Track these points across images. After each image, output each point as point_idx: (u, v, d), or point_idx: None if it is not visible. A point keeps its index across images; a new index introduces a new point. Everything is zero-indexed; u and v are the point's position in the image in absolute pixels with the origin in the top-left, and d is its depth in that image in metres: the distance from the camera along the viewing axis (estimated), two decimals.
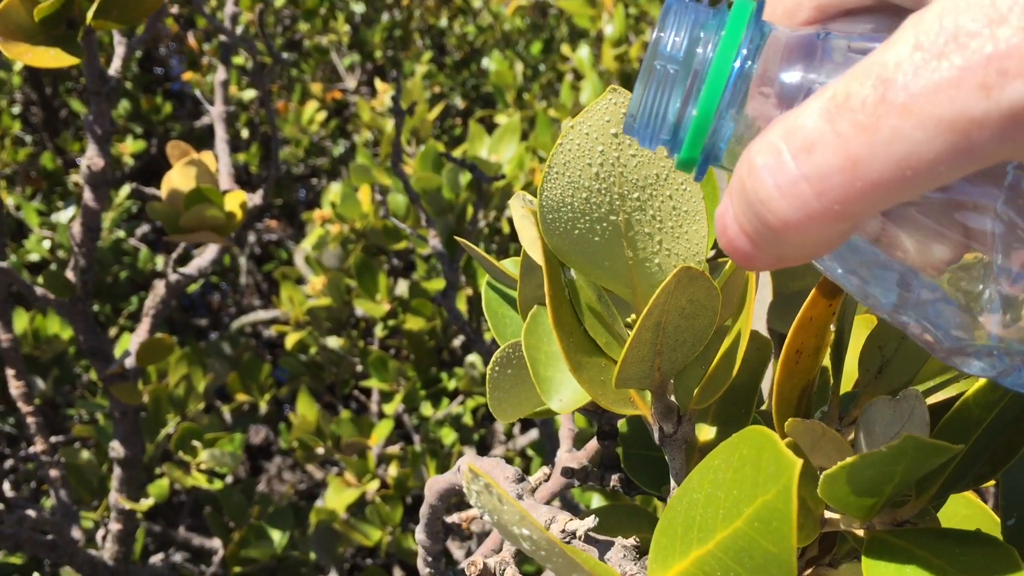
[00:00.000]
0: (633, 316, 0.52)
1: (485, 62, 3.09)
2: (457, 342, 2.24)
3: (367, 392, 2.55)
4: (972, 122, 0.28)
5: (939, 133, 0.28)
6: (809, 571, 0.48)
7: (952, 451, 0.35)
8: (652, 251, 0.44)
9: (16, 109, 2.97)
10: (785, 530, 0.33)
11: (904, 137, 0.29)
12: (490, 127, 2.73)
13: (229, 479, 2.18)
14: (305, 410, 1.91)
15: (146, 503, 1.43)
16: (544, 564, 0.39)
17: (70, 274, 1.22)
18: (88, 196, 1.15)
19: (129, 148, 2.69)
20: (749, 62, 0.34)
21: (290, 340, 2.16)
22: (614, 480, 0.63)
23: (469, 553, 1.70)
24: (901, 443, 0.34)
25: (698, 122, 0.34)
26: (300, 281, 2.39)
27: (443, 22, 3.41)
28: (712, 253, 0.52)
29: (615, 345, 0.48)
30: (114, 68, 1.12)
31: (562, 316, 0.46)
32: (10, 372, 1.33)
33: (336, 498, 1.87)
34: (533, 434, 2.13)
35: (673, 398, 0.50)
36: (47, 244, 2.45)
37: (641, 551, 0.49)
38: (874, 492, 0.39)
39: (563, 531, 0.51)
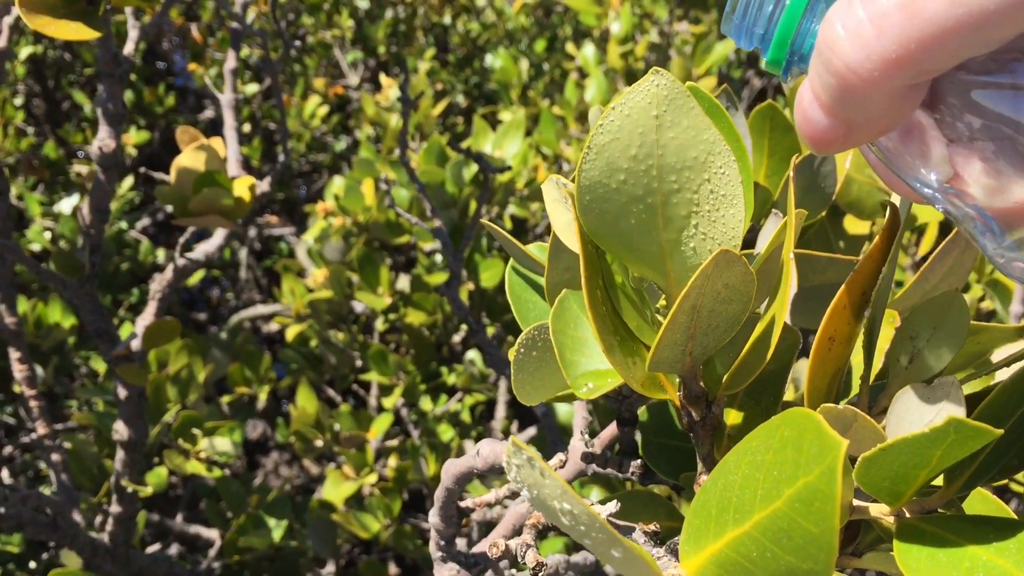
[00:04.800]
0: (663, 302, 0.52)
1: (488, 59, 3.09)
2: (457, 338, 2.24)
3: (366, 386, 2.55)
4: None
5: None
6: None
7: (994, 435, 0.35)
8: (688, 235, 0.44)
9: (19, 100, 2.97)
10: (828, 510, 0.33)
11: None
12: (493, 124, 2.73)
13: (228, 472, 2.18)
14: (305, 402, 1.91)
15: (146, 490, 1.43)
16: (581, 540, 0.39)
17: (77, 254, 1.22)
18: (99, 177, 1.15)
19: (132, 139, 2.68)
20: None
21: (291, 332, 2.16)
22: (634, 466, 0.63)
23: (470, 544, 1.70)
24: (943, 425, 0.35)
25: (788, 15, 0.36)
26: (302, 274, 2.39)
27: (447, 19, 3.41)
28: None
29: (647, 329, 0.48)
30: (127, 50, 1.12)
31: (596, 298, 0.46)
32: (14, 355, 1.33)
33: (334, 491, 1.87)
34: (531, 431, 2.13)
35: (702, 384, 0.50)
36: (48, 235, 2.45)
37: (659, 539, 0.50)
38: (908, 477, 0.39)
39: None
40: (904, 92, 0.33)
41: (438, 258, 2.17)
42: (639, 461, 0.64)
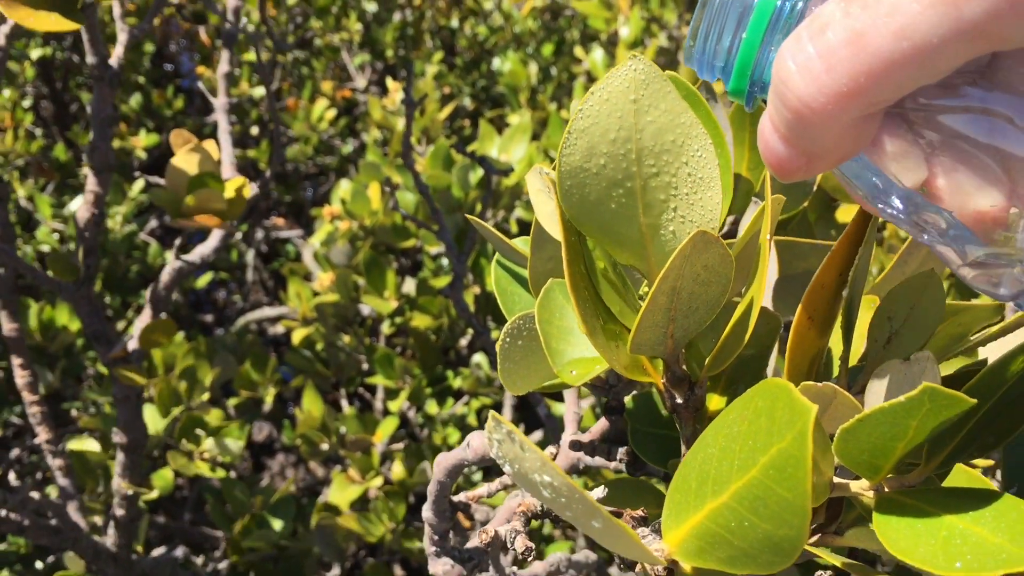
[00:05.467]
0: (646, 288, 0.53)
1: (496, 63, 3.10)
2: (464, 342, 2.25)
3: (372, 390, 2.55)
4: None
5: (934, 5, 0.31)
6: (815, 538, 0.49)
7: (967, 403, 0.36)
8: (667, 218, 0.45)
9: (27, 102, 2.99)
10: (800, 475, 0.34)
11: (902, 10, 0.31)
12: (500, 128, 2.74)
13: (233, 474, 2.19)
14: (311, 405, 1.91)
15: (150, 494, 1.44)
16: (563, 513, 0.39)
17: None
18: (91, 180, 1.16)
19: (142, 142, 2.70)
20: None
21: (297, 336, 2.16)
22: (620, 453, 0.64)
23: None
24: (918, 393, 0.35)
25: (746, 48, 0.37)
26: (308, 277, 2.40)
27: (454, 23, 3.42)
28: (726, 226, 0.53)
29: (629, 312, 0.49)
30: (116, 55, 1.13)
31: (579, 283, 0.46)
32: (16, 361, 1.33)
33: (339, 494, 1.87)
34: (537, 436, 2.13)
35: (684, 367, 0.51)
36: (57, 236, 2.46)
37: (647, 523, 0.50)
38: (887, 450, 0.39)
39: None
40: (859, 122, 0.35)
41: (444, 262, 2.18)
42: (626, 448, 0.65)
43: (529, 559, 0.57)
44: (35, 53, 2.71)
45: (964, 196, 0.35)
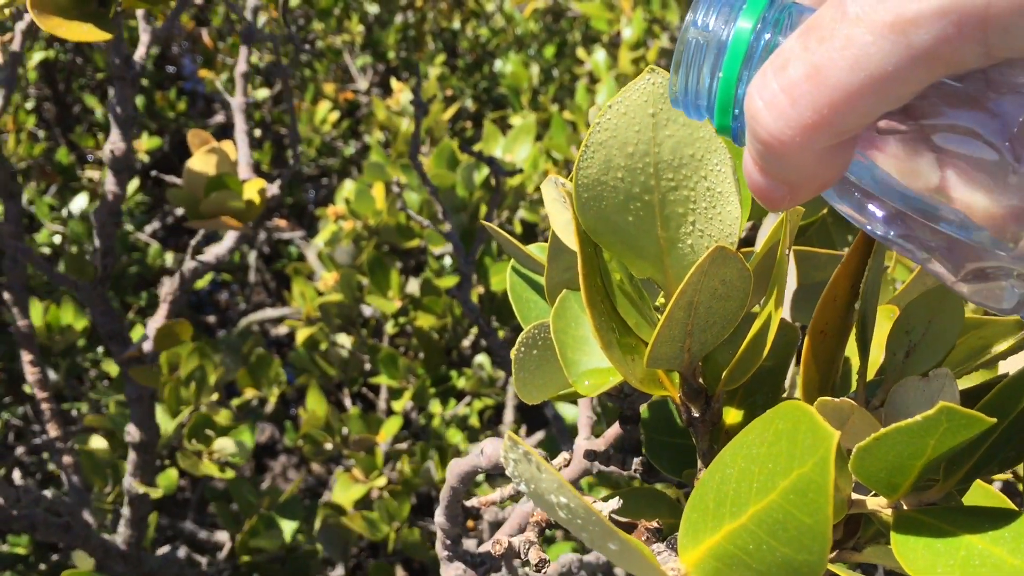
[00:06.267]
0: (662, 299, 0.53)
1: (497, 65, 3.10)
2: (467, 342, 2.25)
3: (376, 390, 2.55)
4: (908, 21, 0.31)
5: (884, 35, 0.32)
6: (834, 554, 0.49)
7: (986, 423, 0.36)
8: (685, 232, 0.45)
9: (30, 105, 2.99)
10: (821, 502, 0.33)
11: (855, 42, 0.33)
12: (503, 129, 2.74)
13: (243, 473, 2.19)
14: (315, 405, 1.91)
15: (155, 493, 1.44)
16: (578, 533, 0.39)
17: (88, 257, 1.23)
18: (110, 180, 1.16)
19: (144, 145, 2.70)
20: (769, 30, 0.37)
21: (300, 336, 2.16)
22: (635, 464, 0.64)
23: (479, 544, 1.70)
24: (935, 413, 0.35)
25: (723, 86, 0.38)
26: (311, 277, 2.40)
27: (456, 24, 3.42)
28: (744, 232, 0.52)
29: (645, 326, 0.49)
30: (139, 54, 1.13)
31: (594, 295, 0.46)
32: (26, 357, 1.34)
33: (343, 494, 1.87)
34: (540, 435, 2.13)
35: (701, 380, 0.51)
36: (58, 239, 2.46)
37: (662, 536, 0.50)
38: (904, 468, 0.39)
39: None
40: (831, 150, 0.35)
41: (448, 262, 2.18)
42: (641, 458, 0.65)
43: (543, 571, 0.57)
44: (38, 55, 2.71)
45: (980, 196, 0.36)
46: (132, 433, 1.39)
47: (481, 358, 2.17)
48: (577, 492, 0.37)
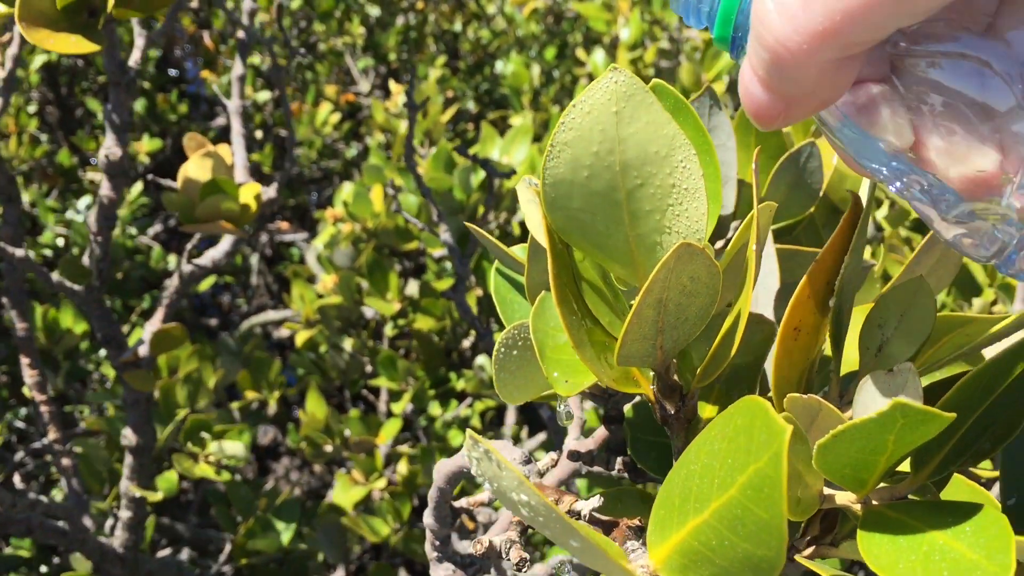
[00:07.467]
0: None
1: (499, 66, 3.10)
2: (466, 343, 2.25)
3: (376, 392, 2.55)
4: None
5: None
6: (810, 550, 0.49)
7: (944, 420, 0.35)
8: (652, 228, 0.45)
9: (32, 108, 2.99)
10: (776, 496, 0.33)
11: None
12: (503, 129, 2.74)
13: (238, 477, 2.19)
14: (314, 407, 1.92)
15: (155, 496, 1.44)
16: (542, 531, 0.39)
17: (86, 261, 1.24)
18: (105, 185, 1.16)
19: (145, 147, 2.70)
20: None
21: (301, 338, 2.17)
22: (619, 463, 0.64)
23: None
24: (890, 409, 0.35)
25: None
26: (312, 280, 2.40)
27: (457, 26, 3.42)
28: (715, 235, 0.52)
29: (618, 324, 0.49)
30: (133, 60, 1.13)
31: (565, 294, 0.46)
32: (25, 360, 1.34)
33: (344, 495, 1.88)
34: (541, 437, 2.13)
35: (676, 377, 0.51)
36: (61, 241, 2.46)
37: (643, 533, 0.50)
38: (867, 464, 0.39)
39: (569, 511, 0.51)
40: (836, 65, 0.35)
41: (447, 264, 2.18)
42: (624, 458, 0.65)
43: (524, 570, 0.57)
44: (40, 59, 2.72)
45: (954, 159, 0.35)
46: (128, 437, 1.39)
47: (482, 359, 2.17)
48: (537, 489, 0.37)
